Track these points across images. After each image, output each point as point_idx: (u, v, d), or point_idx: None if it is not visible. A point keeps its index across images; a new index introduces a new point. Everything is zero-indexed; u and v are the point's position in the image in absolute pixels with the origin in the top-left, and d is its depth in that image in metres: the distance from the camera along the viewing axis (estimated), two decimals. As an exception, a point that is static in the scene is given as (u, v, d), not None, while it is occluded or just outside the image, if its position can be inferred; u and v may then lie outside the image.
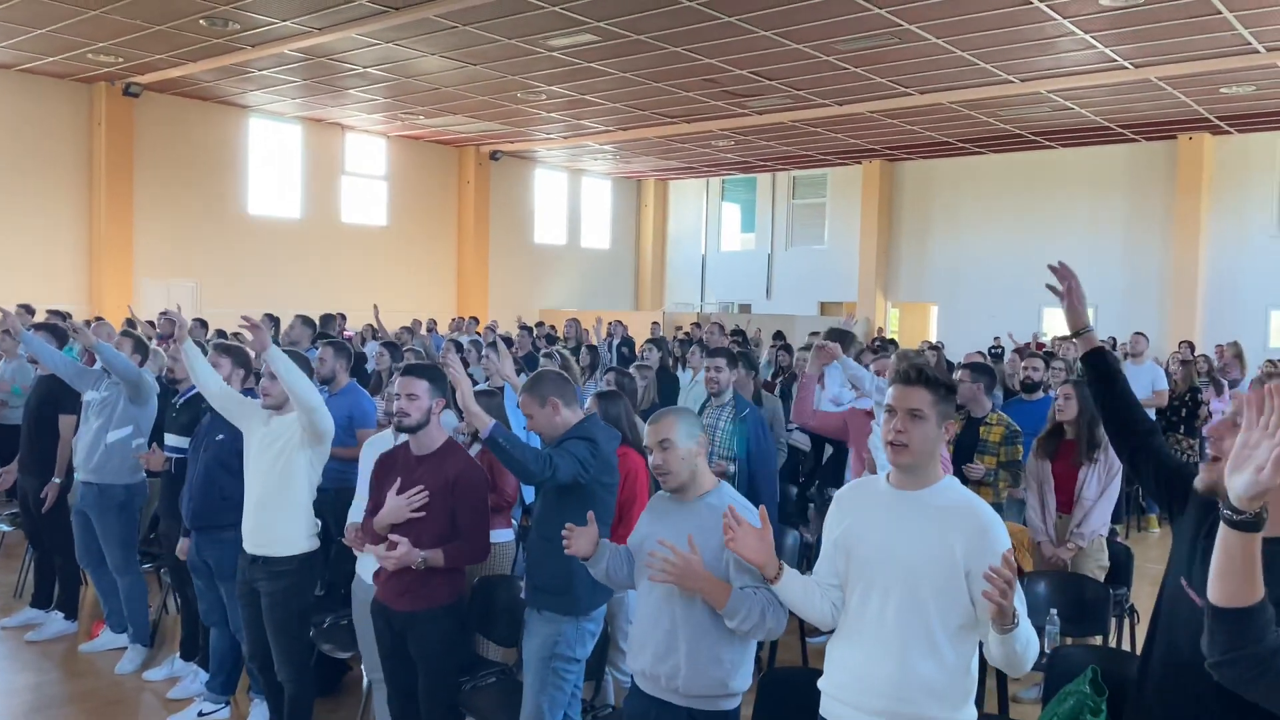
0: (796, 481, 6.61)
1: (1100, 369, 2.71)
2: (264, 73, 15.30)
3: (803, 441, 6.71)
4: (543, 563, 3.49)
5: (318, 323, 12.22)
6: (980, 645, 2.43)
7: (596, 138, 19.81)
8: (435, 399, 3.56)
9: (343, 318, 13.85)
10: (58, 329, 5.63)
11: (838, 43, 12.75)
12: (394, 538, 3.44)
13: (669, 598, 2.81)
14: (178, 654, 5.09)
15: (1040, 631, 3.53)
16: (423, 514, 3.50)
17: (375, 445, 4.15)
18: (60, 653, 5.41)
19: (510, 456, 3.17)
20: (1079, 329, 2.79)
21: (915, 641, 2.39)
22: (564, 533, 2.97)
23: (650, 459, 2.92)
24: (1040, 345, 13.71)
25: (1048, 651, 3.63)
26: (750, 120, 17.50)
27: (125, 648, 5.28)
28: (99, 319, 13.51)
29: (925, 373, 2.49)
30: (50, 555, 5.76)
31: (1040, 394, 6.32)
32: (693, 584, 2.68)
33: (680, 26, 12.20)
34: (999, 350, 15.18)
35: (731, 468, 5.12)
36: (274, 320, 11.33)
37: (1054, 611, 4.24)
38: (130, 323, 12.45)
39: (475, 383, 6.21)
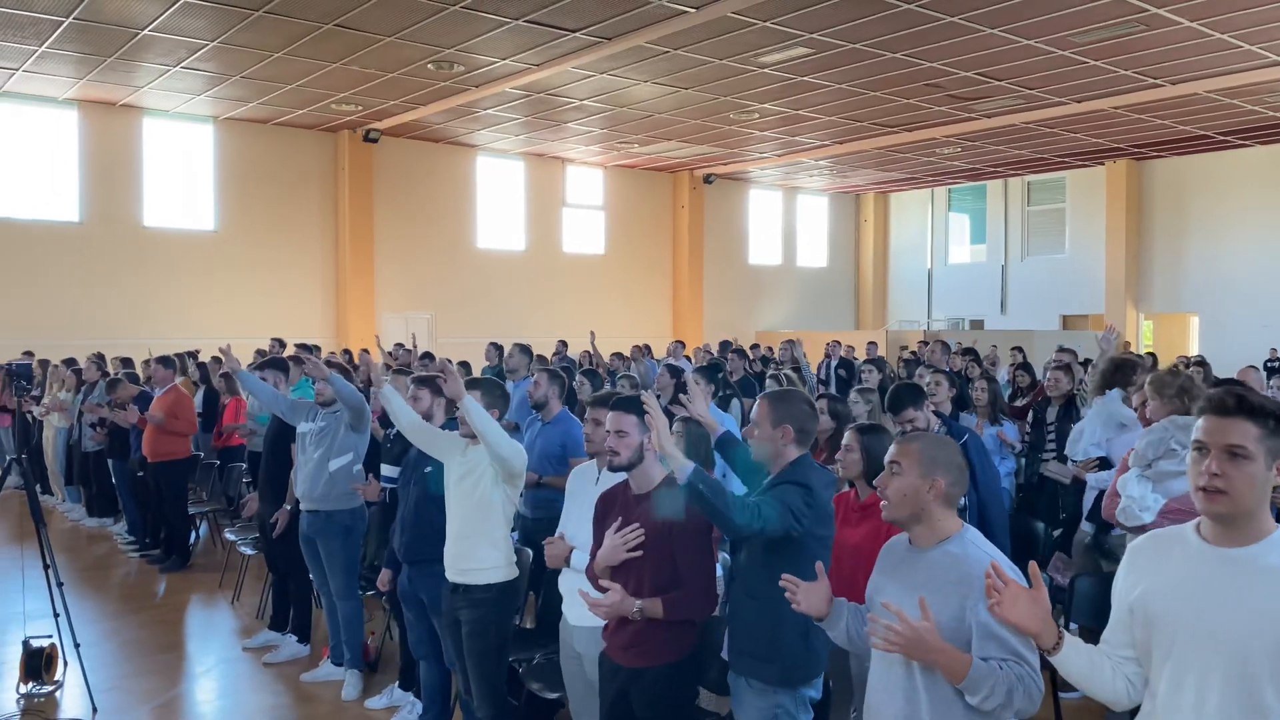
0: (1056, 520, 5.88)
1: None
2: (488, 111, 15.96)
3: (1061, 473, 5.96)
4: (746, 623, 3.11)
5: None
6: None
7: (812, 153, 19.38)
8: (647, 434, 3.30)
9: (563, 344, 14.12)
10: (279, 361, 5.90)
11: (1074, 35, 11.78)
12: (605, 583, 3.22)
13: (908, 662, 2.42)
14: (397, 683, 5.15)
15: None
16: (639, 554, 3.25)
17: (583, 473, 3.97)
18: (293, 675, 5.60)
19: (712, 506, 2.80)
20: None
21: None
22: (784, 584, 2.64)
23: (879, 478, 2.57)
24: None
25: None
26: (978, 124, 16.55)
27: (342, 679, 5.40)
28: (346, 351, 14.44)
29: (1248, 400, 1.97)
30: (286, 580, 6.02)
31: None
32: (923, 655, 2.29)
33: (898, 31, 11.65)
34: (1277, 364, 13.49)
35: (962, 500, 4.61)
36: (499, 349, 11.61)
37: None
38: (363, 350, 13.17)
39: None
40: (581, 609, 3.38)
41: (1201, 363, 9.38)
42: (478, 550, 4.01)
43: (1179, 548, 2.09)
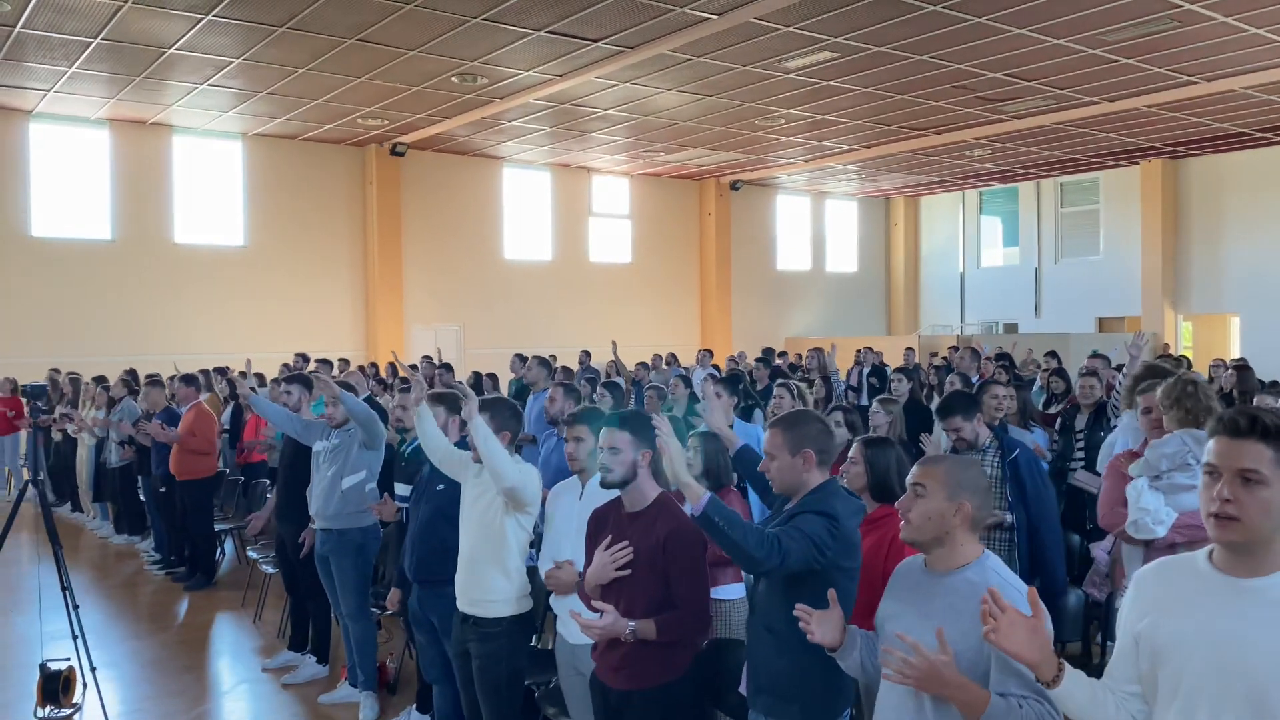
0: (1083, 530, 5.74)
1: None
2: (514, 123, 15.94)
3: (1089, 483, 5.80)
4: (765, 659, 2.97)
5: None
6: None
7: (839, 158, 19.19)
8: (640, 451, 3.22)
9: (586, 354, 14.04)
10: (304, 377, 5.86)
11: (1105, 33, 11.54)
12: (598, 604, 3.12)
13: (918, 695, 2.31)
14: (414, 705, 5.07)
15: None
16: (629, 573, 3.17)
17: (565, 490, 3.89)
18: (312, 697, 5.55)
19: (728, 539, 2.65)
20: None
21: None
22: (798, 614, 2.53)
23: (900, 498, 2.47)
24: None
25: None
26: (1008, 126, 16.29)
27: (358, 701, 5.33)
28: (369, 365, 14.44)
29: (1263, 422, 1.82)
30: (305, 599, 5.96)
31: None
32: (939, 689, 2.17)
33: (925, 33, 11.47)
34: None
35: (1009, 518, 4.45)
36: (524, 359, 11.57)
37: None
38: (393, 366, 13.17)
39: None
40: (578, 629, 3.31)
41: (1242, 366, 9.10)
42: (489, 579, 3.88)
43: (1189, 576, 1.94)
